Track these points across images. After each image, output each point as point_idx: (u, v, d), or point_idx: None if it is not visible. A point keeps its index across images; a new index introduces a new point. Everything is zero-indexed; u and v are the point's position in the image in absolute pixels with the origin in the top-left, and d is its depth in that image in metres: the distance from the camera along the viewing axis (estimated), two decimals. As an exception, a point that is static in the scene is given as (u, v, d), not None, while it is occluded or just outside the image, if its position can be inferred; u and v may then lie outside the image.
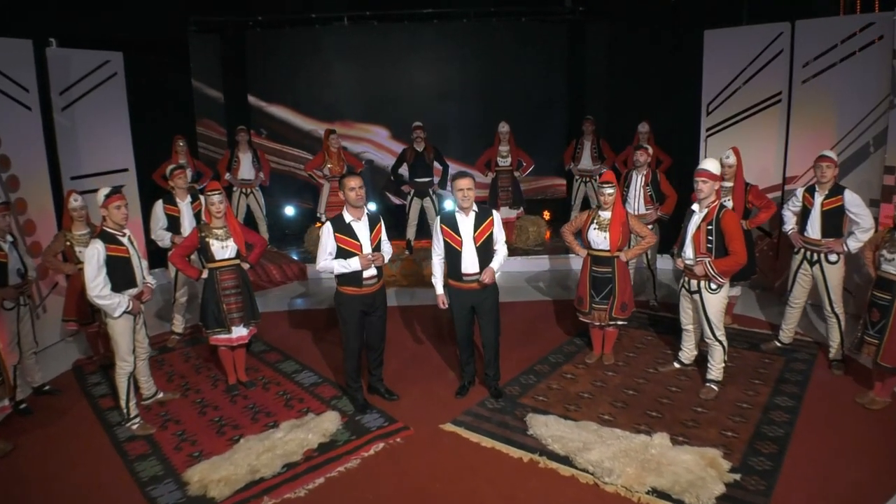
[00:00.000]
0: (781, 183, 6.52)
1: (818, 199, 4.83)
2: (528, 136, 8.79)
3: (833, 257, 4.79)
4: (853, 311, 5.50)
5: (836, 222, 4.75)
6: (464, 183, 4.31)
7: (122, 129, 6.90)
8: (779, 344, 5.34)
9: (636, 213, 6.49)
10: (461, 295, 4.48)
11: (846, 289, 5.09)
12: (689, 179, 6.37)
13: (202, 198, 5.92)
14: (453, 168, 8.25)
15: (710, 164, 4.43)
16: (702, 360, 4.85)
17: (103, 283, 4.16)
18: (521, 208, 8.51)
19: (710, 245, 4.40)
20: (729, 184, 5.67)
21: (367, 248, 4.30)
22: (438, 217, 4.51)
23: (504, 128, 8.15)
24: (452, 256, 4.43)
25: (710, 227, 4.39)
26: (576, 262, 8.15)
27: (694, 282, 4.57)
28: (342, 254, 4.28)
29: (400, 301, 7.08)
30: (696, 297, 4.56)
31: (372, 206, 9.61)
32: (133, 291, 4.36)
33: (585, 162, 8.62)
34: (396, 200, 9.53)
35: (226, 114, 9.63)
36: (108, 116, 6.72)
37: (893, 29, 5.31)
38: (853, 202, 4.64)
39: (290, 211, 9.88)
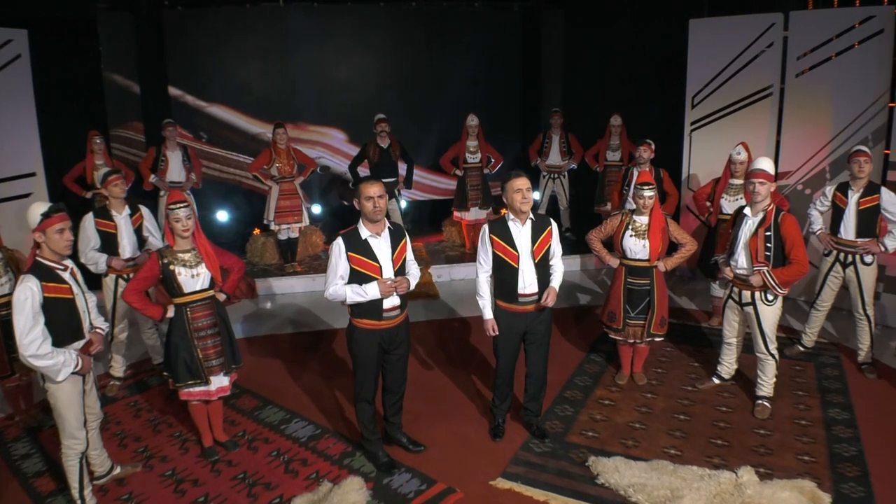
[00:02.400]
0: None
1: (853, 197, 4.70)
2: (484, 131, 8.26)
3: (868, 258, 4.69)
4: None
5: (870, 222, 4.64)
6: (521, 183, 3.71)
7: (28, 124, 5.62)
8: (801, 348, 5.23)
9: (638, 213, 6.19)
10: (513, 319, 3.91)
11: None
12: (671, 177, 6.26)
13: (143, 209, 4.96)
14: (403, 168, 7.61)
15: (766, 164, 4.14)
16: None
17: (41, 336, 3.17)
18: (491, 208, 8.02)
19: (768, 253, 4.11)
20: (739, 181, 5.49)
21: (388, 272, 3.60)
22: (486, 227, 3.90)
23: (473, 121, 7.60)
24: (506, 274, 3.84)
25: (768, 234, 4.10)
26: (566, 264, 7.79)
27: (746, 293, 4.27)
28: (357, 278, 3.54)
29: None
30: (749, 309, 4.27)
31: (316, 209, 8.76)
32: (80, 343, 3.40)
33: (554, 157, 8.26)
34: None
35: (142, 107, 8.35)
36: (9, 108, 5.45)
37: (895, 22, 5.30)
38: (891, 200, 4.54)
39: (222, 216, 8.77)
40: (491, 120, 8.81)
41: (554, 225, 3.89)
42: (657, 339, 4.71)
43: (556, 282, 3.90)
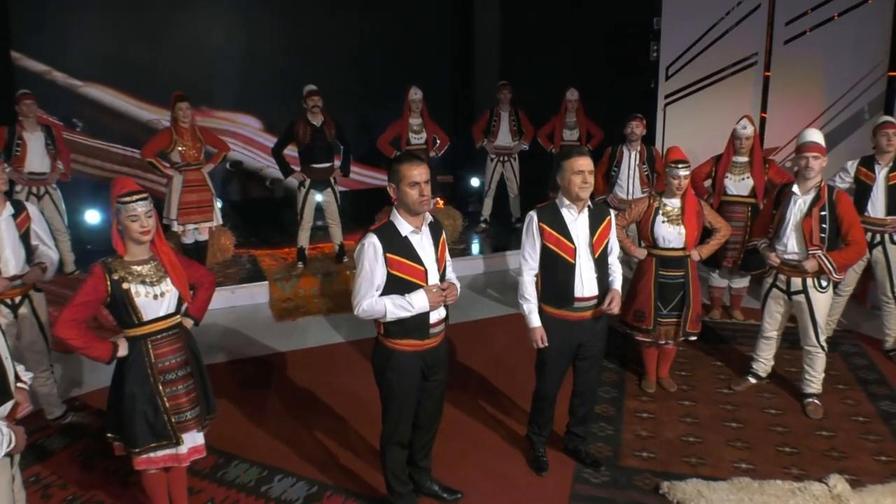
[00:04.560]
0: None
1: (881, 172, 4.92)
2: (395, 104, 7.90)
3: (899, 237, 4.93)
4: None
5: (901, 198, 4.88)
6: (584, 163, 3.45)
7: None
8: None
9: (630, 196, 6.18)
10: (566, 329, 3.63)
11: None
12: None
13: (30, 208, 4.12)
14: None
15: (817, 136, 4.18)
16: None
17: None
18: (438, 197, 7.70)
19: (823, 235, 4.16)
20: (744, 158, 5.60)
21: (433, 276, 3.20)
22: (533, 214, 3.59)
23: (416, 94, 7.24)
24: (559, 272, 3.56)
25: (823, 213, 4.15)
26: (516, 261, 7.65)
27: (796, 280, 4.31)
28: (397, 286, 3.10)
29: (330, 337, 5.85)
30: (800, 298, 4.32)
31: (218, 204, 7.96)
32: (7, 408, 2.70)
33: (503, 137, 8.10)
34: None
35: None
36: None
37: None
38: (925, 174, 4.80)
39: (92, 217, 7.71)
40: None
41: (613, 216, 3.68)
42: (692, 339, 4.65)
43: (618, 283, 3.67)
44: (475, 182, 9.38)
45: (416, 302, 3.06)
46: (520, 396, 4.66)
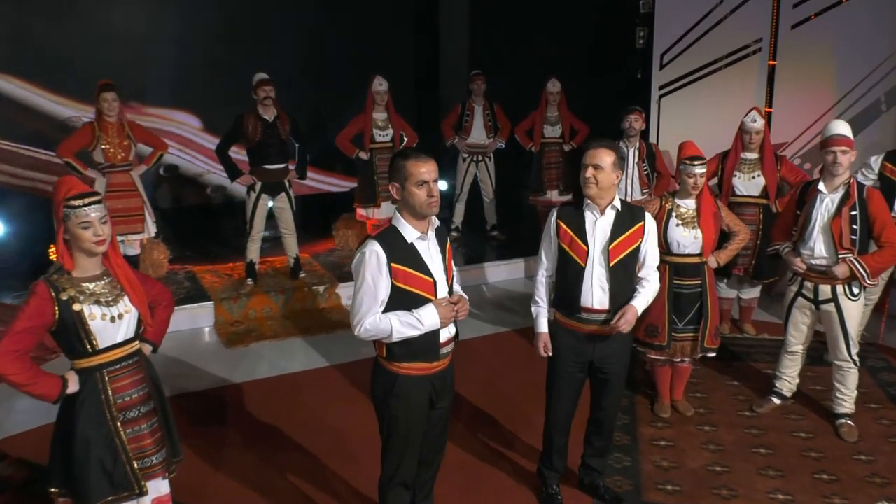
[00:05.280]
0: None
1: (909, 168, 5.08)
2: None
3: (929, 239, 5.07)
4: None
5: (931, 196, 5.05)
6: (605, 157, 3.45)
7: None
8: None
9: (629, 198, 6.24)
10: (577, 341, 3.64)
11: None
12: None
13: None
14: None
15: (844, 129, 4.29)
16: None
17: None
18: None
19: (853, 237, 4.26)
20: (754, 155, 5.73)
21: (442, 288, 3.15)
22: (554, 211, 3.63)
23: (381, 86, 7.19)
24: (569, 275, 3.57)
25: (853, 213, 4.25)
26: (493, 273, 7.67)
27: (825, 288, 4.40)
28: (402, 300, 3.03)
29: (290, 364, 5.74)
30: (829, 307, 4.41)
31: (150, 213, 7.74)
32: None
33: (477, 134, 8.12)
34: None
35: None
36: None
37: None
38: (956, 170, 4.97)
39: (-6, 231, 7.42)
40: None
41: (649, 220, 3.66)
42: (710, 355, 4.70)
43: (638, 300, 3.60)
44: (443, 185, 9.34)
45: (426, 318, 3.00)
46: (521, 427, 4.65)
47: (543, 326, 3.69)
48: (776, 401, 4.87)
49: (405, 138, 7.51)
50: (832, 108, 6.45)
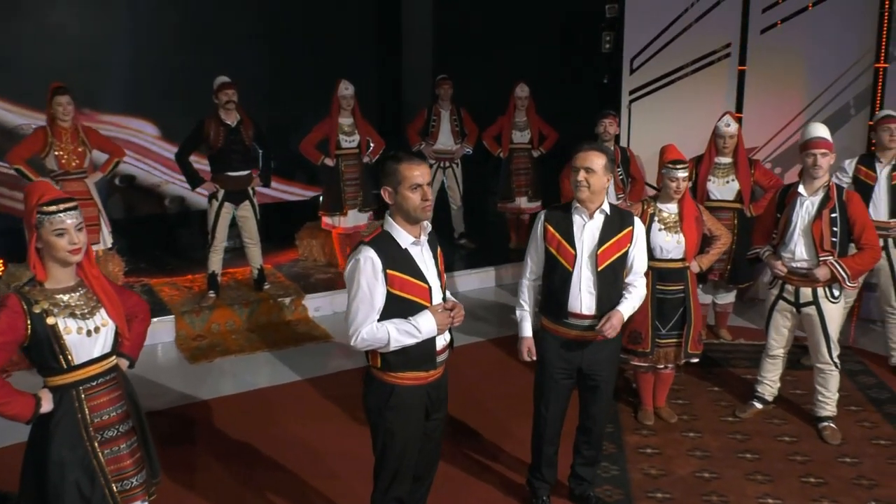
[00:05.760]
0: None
1: (883, 171, 5.24)
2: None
3: (904, 241, 5.25)
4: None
5: (905, 198, 5.21)
6: (595, 160, 3.48)
7: None
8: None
9: (604, 204, 6.30)
10: (564, 347, 3.67)
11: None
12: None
13: None
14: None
15: (824, 131, 4.40)
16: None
17: None
18: (372, 211, 7.61)
19: (834, 239, 4.37)
20: (728, 159, 5.85)
21: (437, 295, 3.14)
22: (542, 214, 3.66)
23: (347, 90, 7.14)
24: (556, 280, 3.61)
25: (834, 216, 4.36)
26: (463, 283, 7.66)
27: (806, 290, 4.50)
28: (398, 308, 3.01)
29: (259, 379, 5.66)
30: (810, 310, 4.51)
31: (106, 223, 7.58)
32: None
33: (444, 139, 8.16)
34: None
35: None
36: None
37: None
38: (930, 172, 5.14)
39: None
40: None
41: (638, 225, 3.70)
42: (693, 361, 4.77)
43: (624, 305, 3.63)
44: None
45: (423, 326, 2.98)
46: (504, 438, 4.66)
47: (527, 330, 3.72)
48: (758, 405, 4.96)
49: (371, 144, 7.47)
50: (802, 112, 6.62)
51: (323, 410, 5.13)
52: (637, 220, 3.71)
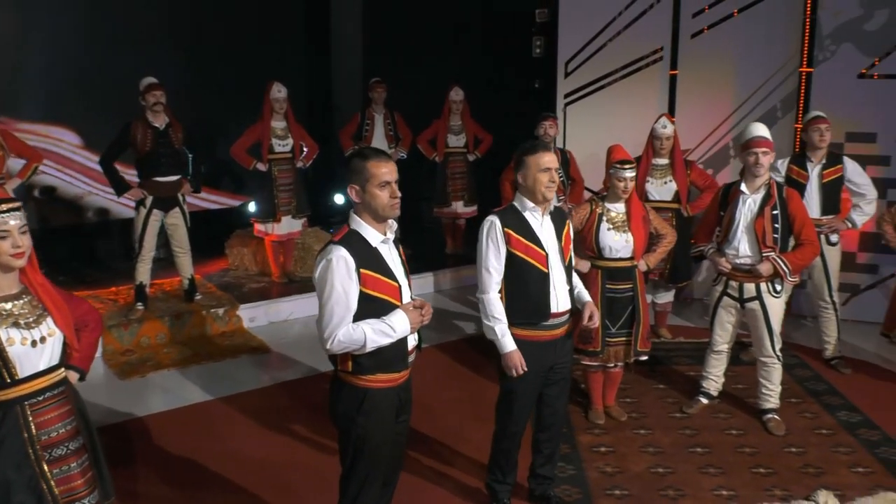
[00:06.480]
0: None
1: (814, 170, 5.50)
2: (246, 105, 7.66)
3: (834, 238, 5.53)
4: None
5: (835, 197, 5.49)
6: (550, 159, 3.59)
7: None
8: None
9: (546, 206, 6.41)
10: (538, 351, 3.69)
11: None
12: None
13: None
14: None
15: (764, 131, 4.60)
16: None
17: None
18: (306, 217, 7.53)
19: (776, 235, 4.57)
20: (665, 161, 6.05)
21: (406, 293, 3.14)
22: (495, 220, 3.63)
23: (280, 92, 7.06)
24: (532, 285, 3.63)
25: (775, 212, 4.56)
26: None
27: (749, 286, 4.69)
28: (371, 308, 2.97)
29: (196, 394, 5.51)
30: (754, 305, 4.70)
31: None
32: None
33: (378, 144, 8.12)
34: None
35: None
36: None
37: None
38: (856, 171, 5.43)
39: None
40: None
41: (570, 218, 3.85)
42: (643, 359, 4.90)
43: (586, 294, 3.86)
44: (340, 199, 9.27)
45: (398, 325, 2.97)
46: (457, 442, 4.70)
47: (512, 343, 3.61)
48: (704, 401, 5.12)
49: (305, 149, 7.40)
50: (731, 115, 6.91)
51: (267, 423, 5.04)
52: (567, 212, 3.94)
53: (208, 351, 6.21)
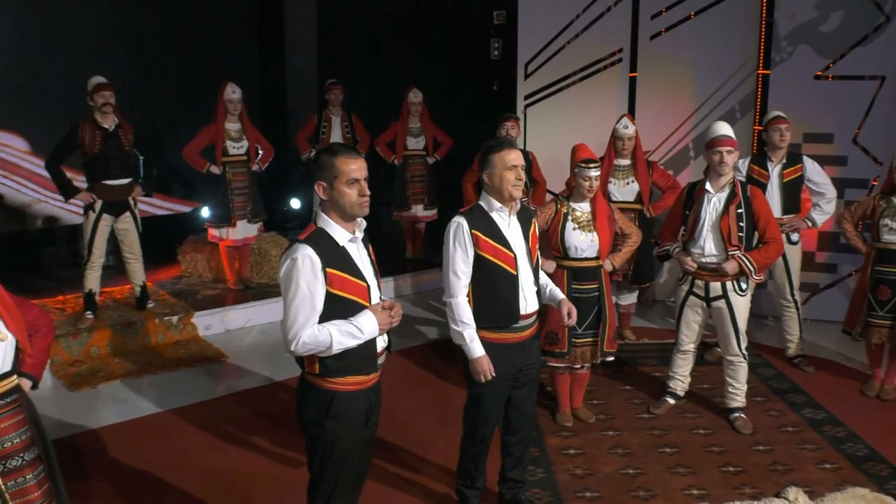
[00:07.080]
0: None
1: (775, 169, 5.59)
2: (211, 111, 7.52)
3: (795, 237, 5.63)
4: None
5: (795, 196, 5.60)
6: (517, 157, 3.57)
7: None
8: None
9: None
10: (507, 354, 3.67)
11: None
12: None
13: None
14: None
15: (728, 129, 4.66)
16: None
17: None
18: (262, 222, 7.42)
19: (741, 234, 4.63)
20: (627, 161, 6.10)
21: (375, 293, 3.09)
22: (461, 221, 3.59)
23: (234, 93, 6.94)
24: (501, 287, 3.61)
25: (740, 211, 4.62)
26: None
27: (715, 285, 4.74)
28: (338, 309, 2.92)
29: (149, 405, 5.38)
30: (720, 303, 4.75)
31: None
32: None
33: (335, 147, 8.03)
34: None
35: None
36: None
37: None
38: (815, 170, 5.54)
39: None
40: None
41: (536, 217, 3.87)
42: (609, 360, 4.91)
43: (559, 292, 3.90)
44: (296, 204, 9.15)
45: (365, 326, 2.92)
46: (422, 449, 4.66)
47: (481, 349, 3.58)
48: (671, 401, 5.16)
49: (261, 151, 7.30)
50: (691, 116, 6.99)
51: (225, 433, 4.94)
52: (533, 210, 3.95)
53: (162, 360, 6.06)
